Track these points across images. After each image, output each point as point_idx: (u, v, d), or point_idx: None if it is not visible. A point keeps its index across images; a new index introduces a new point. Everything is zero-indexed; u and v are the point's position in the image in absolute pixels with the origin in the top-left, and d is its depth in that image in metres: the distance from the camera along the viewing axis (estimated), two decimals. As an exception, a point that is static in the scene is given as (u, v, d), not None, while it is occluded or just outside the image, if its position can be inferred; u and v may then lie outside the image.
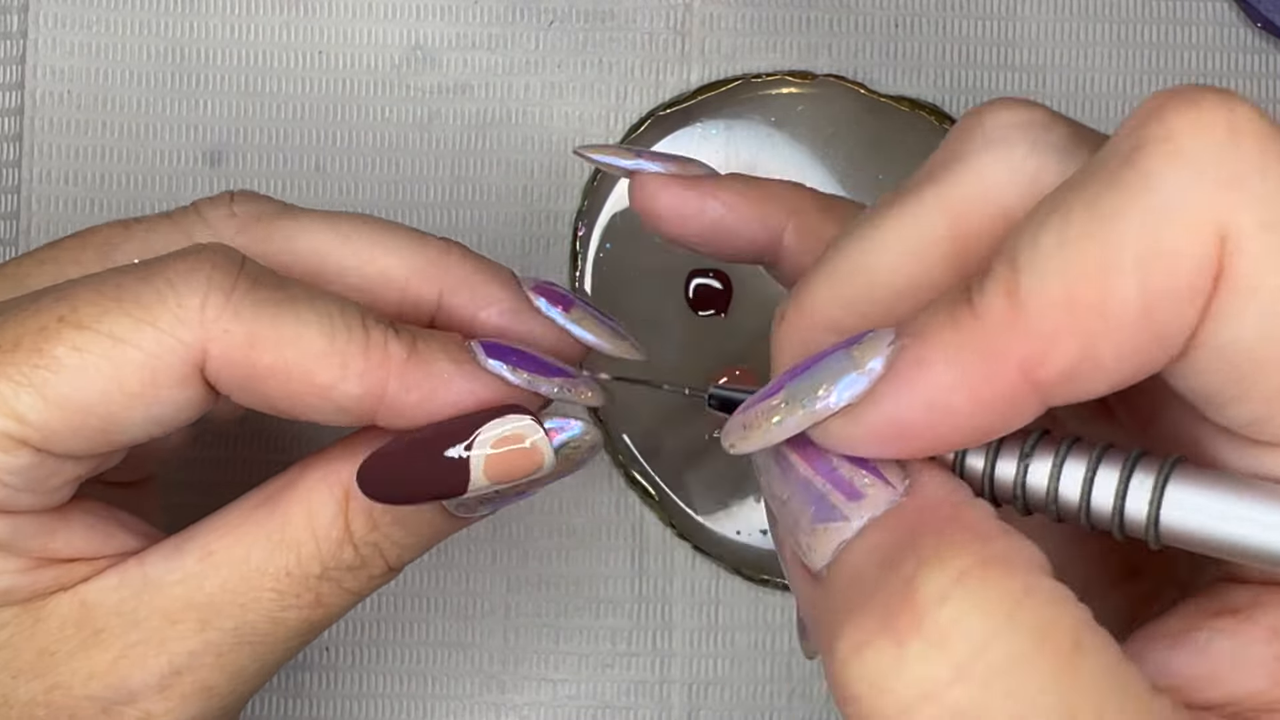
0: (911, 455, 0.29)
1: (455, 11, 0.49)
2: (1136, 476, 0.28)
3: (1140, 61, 0.49)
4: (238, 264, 0.36)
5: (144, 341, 0.34)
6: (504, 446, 0.35)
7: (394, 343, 0.35)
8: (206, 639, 0.36)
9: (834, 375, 0.29)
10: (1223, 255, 0.26)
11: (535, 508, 0.48)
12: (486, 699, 0.48)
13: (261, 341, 0.35)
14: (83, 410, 0.35)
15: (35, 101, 0.48)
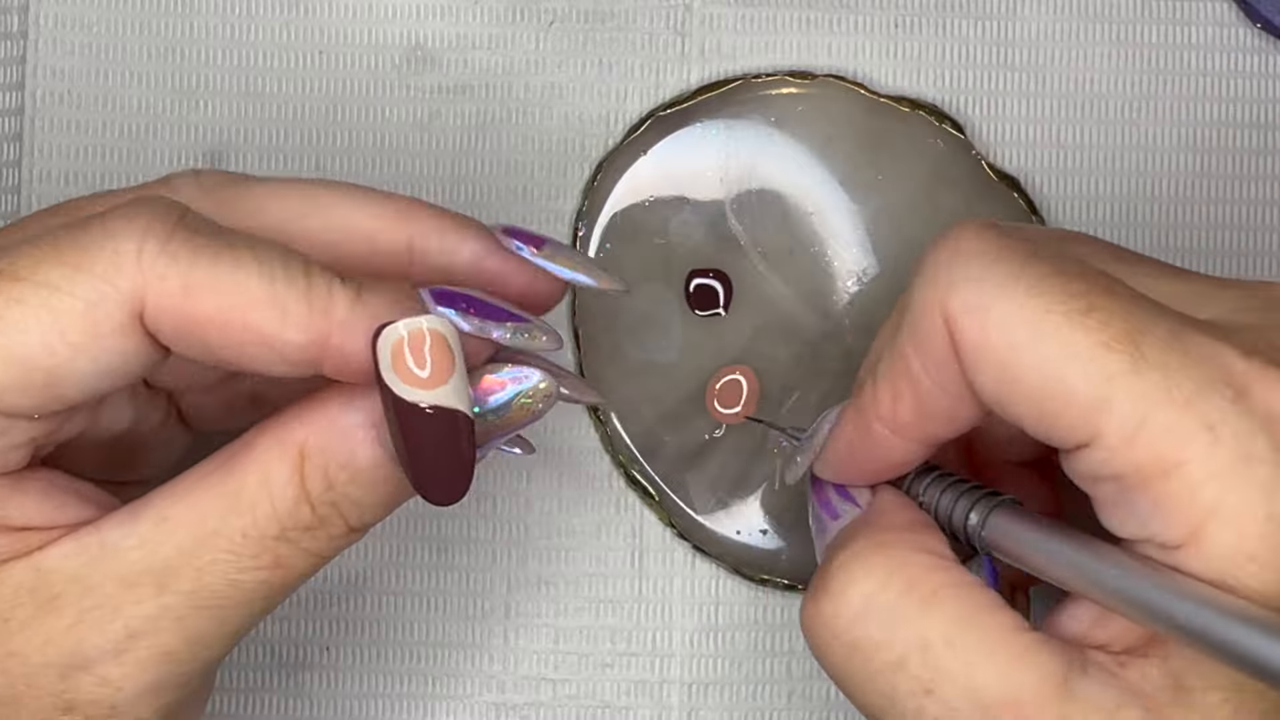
0: (859, 483, 0.41)
1: (455, 11, 0.49)
2: (977, 507, 0.39)
3: (1140, 61, 0.49)
4: (177, 213, 0.35)
5: (79, 289, 0.34)
6: (400, 361, 0.35)
7: (338, 289, 0.35)
8: (163, 603, 0.36)
9: (814, 434, 0.42)
10: (951, 331, 0.36)
11: (535, 508, 0.48)
12: (486, 699, 0.48)
13: (199, 287, 0.34)
14: (26, 363, 0.34)
15: (35, 101, 0.48)
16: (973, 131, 0.48)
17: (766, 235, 0.48)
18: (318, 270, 0.35)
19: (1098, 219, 0.48)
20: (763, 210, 0.48)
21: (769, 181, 0.48)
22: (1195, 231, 0.48)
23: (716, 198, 0.48)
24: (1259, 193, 0.48)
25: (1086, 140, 0.49)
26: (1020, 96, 0.49)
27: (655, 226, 0.48)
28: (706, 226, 0.48)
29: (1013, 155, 0.49)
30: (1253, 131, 0.48)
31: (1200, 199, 0.48)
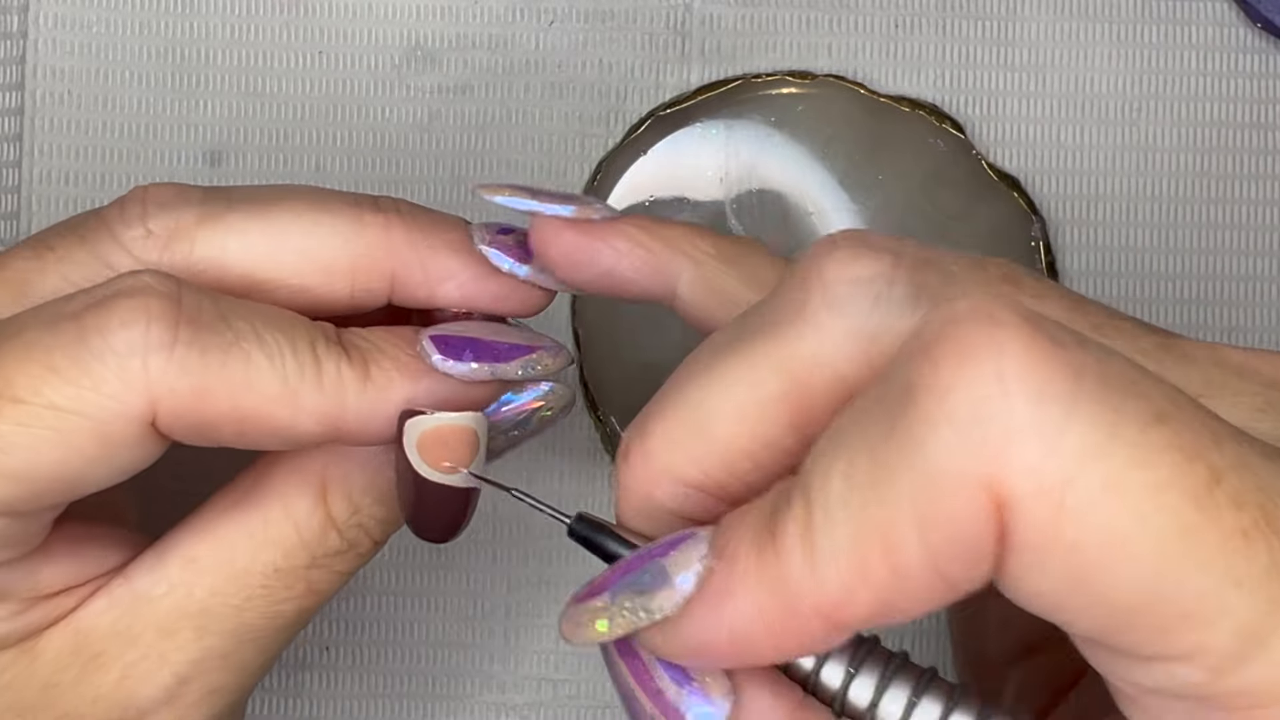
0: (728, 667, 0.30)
1: (455, 11, 0.49)
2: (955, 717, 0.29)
3: (1140, 61, 0.49)
4: (174, 304, 0.34)
5: (88, 409, 0.33)
6: (430, 448, 0.35)
7: (347, 369, 0.34)
8: (207, 645, 0.36)
9: (649, 587, 0.29)
10: (1003, 519, 0.26)
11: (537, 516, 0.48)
12: (486, 699, 0.48)
13: (211, 393, 0.33)
14: (41, 479, 0.34)
15: (35, 102, 0.48)
16: (973, 131, 0.48)
17: (766, 235, 0.48)
18: (323, 345, 0.35)
19: (1098, 219, 0.48)
20: (763, 210, 0.48)
21: (769, 181, 0.48)
22: (1195, 231, 0.48)
23: (716, 198, 0.48)
24: (1259, 193, 0.48)
25: (1086, 140, 0.49)
26: (1020, 96, 0.49)
27: (655, 226, 0.48)
28: (706, 226, 0.48)
29: (1013, 155, 0.49)
30: (1253, 131, 0.48)
31: (1200, 199, 0.48)
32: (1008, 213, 0.48)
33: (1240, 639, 0.26)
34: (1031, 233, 0.48)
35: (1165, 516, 0.26)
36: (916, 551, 0.26)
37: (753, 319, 0.31)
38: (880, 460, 0.26)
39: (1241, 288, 0.48)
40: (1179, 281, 0.48)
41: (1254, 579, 0.26)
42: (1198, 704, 0.27)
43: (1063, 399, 0.26)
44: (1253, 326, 0.48)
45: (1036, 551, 0.26)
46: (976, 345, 0.26)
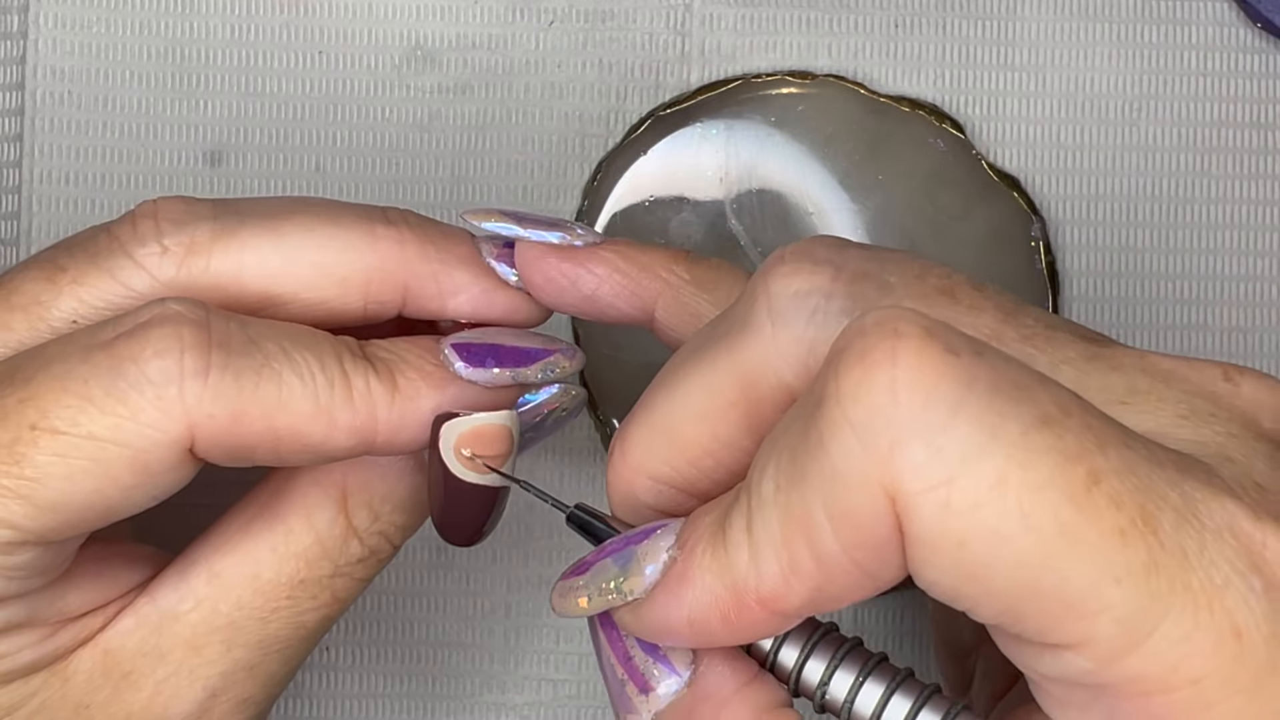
0: (687, 646, 0.32)
1: (455, 11, 0.49)
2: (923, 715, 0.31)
3: (1140, 61, 0.49)
4: (205, 330, 0.34)
5: (127, 438, 0.33)
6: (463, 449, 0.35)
7: (375, 383, 0.35)
8: (235, 658, 0.37)
9: (623, 570, 0.32)
10: (898, 513, 0.28)
11: (535, 507, 0.48)
12: (486, 699, 0.48)
13: (247, 416, 0.34)
14: (76, 509, 0.34)
15: (35, 102, 0.48)
16: (973, 131, 0.48)
17: (766, 235, 0.48)
18: (349, 360, 0.35)
19: (1098, 219, 0.48)
20: (763, 210, 0.48)
21: (769, 181, 0.48)
22: (1195, 231, 0.48)
23: (716, 198, 0.48)
24: (1259, 193, 0.48)
25: (1086, 140, 0.49)
26: (1020, 96, 0.49)
27: (655, 226, 0.48)
28: (706, 226, 0.48)
29: (1013, 155, 0.49)
30: (1253, 131, 0.48)
31: (1200, 199, 0.48)
32: (1008, 213, 0.48)
33: (1123, 631, 0.28)
34: (1031, 233, 0.48)
35: (1044, 514, 0.27)
36: (833, 544, 0.29)
37: (712, 329, 0.33)
38: (797, 462, 0.29)
39: (1241, 288, 0.48)
40: (1179, 281, 0.48)
41: (1133, 575, 0.27)
42: (1093, 691, 0.29)
43: (948, 403, 0.27)
44: (1253, 326, 0.48)
45: (928, 546, 0.28)
46: (873, 354, 0.28)
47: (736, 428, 0.33)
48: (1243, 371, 0.33)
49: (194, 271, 0.36)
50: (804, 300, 0.32)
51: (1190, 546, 0.28)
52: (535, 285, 0.38)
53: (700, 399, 0.33)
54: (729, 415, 0.32)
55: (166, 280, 0.36)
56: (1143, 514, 0.28)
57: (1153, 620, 0.28)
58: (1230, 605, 0.28)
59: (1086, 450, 0.28)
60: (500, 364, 0.37)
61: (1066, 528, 0.27)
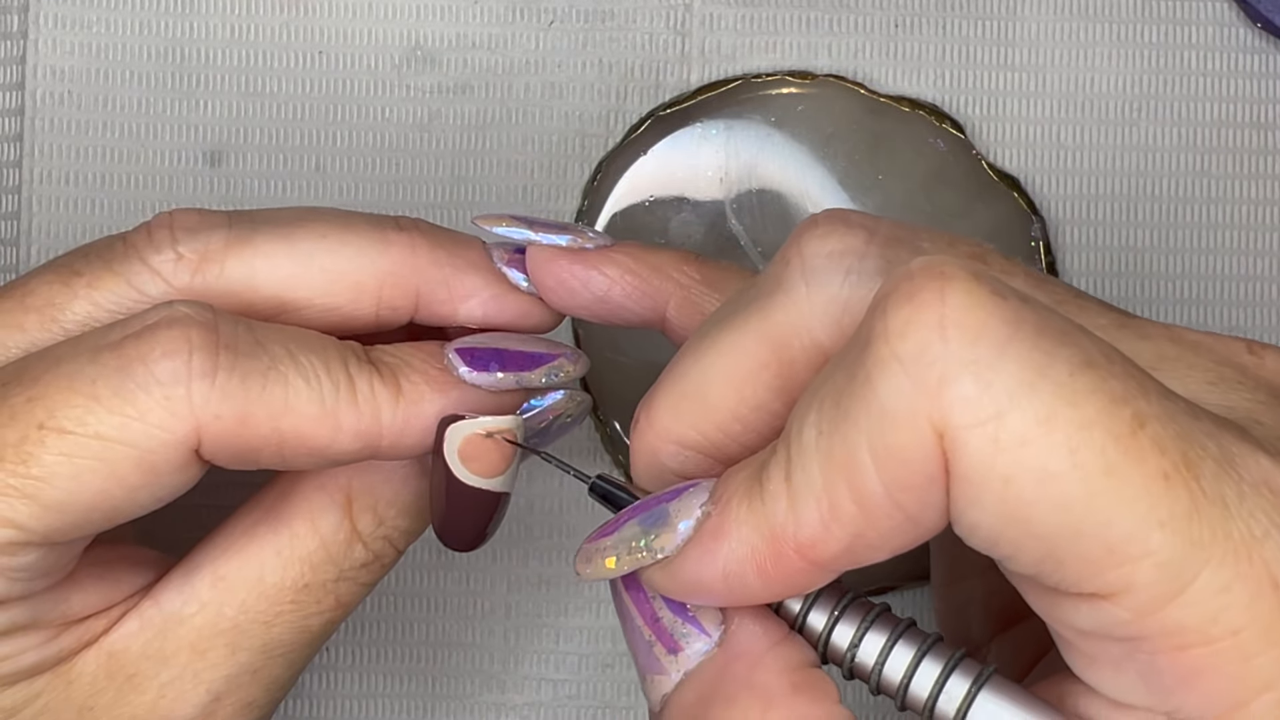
0: (722, 605, 0.32)
1: (455, 11, 0.49)
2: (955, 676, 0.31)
3: (1140, 61, 0.49)
4: (213, 332, 0.34)
5: (134, 439, 0.34)
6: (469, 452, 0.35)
7: (380, 387, 0.35)
8: (239, 662, 0.37)
9: (653, 529, 0.32)
10: (945, 452, 0.28)
11: (535, 507, 0.48)
12: (486, 699, 0.48)
13: (253, 418, 0.34)
14: (82, 509, 0.34)
15: (35, 102, 0.48)
16: (973, 131, 0.48)
17: (766, 235, 0.48)
18: (354, 364, 0.35)
19: (1098, 219, 0.48)
20: (763, 210, 0.48)
21: (769, 181, 0.48)
22: (1195, 231, 0.48)
23: (716, 198, 0.48)
24: (1259, 193, 0.48)
25: (1086, 140, 0.49)
26: (1020, 96, 0.49)
27: (655, 226, 0.48)
28: (706, 226, 0.48)
29: (1013, 155, 0.49)
30: (1253, 131, 0.48)
31: (1200, 199, 0.48)
32: (1008, 213, 0.48)
33: (1164, 578, 0.27)
34: (1031, 233, 0.48)
35: (1090, 454, 0.27)
36: (876, 485, 0.29)
37: (742, 295, 0.34)
38: (842, 405, 0.29)
39: (1241, 288, 0.48)
40: (1179, 281, 0.48)
41: (1175, 520, 0.27)
42: (1128, 645, 0.29)
43: (997, 341, 0.28)
44: (1253, 326, 0.48)
45: (974, 484, 0.28)
46: (923, 294, 0.28)
47: (767, 390, 0.32)
48: (1265, 346, 0.33)
49: (208, 278, 0.37)
50: (839, 260, 0.32)
51: (1230, 496, 0.28)
52: (547, 288, 0.38)
53: (731, 362, 0.33)
54: (760, 377, 0.32)
55: (181, 286, 0.37)
56: (1185, 460, 0.28)
57: (1193, 568, 0.27)
58: (1268, 557, 0.28)
59: (1131, 394, 0.28)
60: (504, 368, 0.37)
61: (1113, 467, 0.27)
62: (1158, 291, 0.48)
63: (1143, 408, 0.28)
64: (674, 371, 0.34)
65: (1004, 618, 0.37)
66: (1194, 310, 0.48)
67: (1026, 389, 0.27)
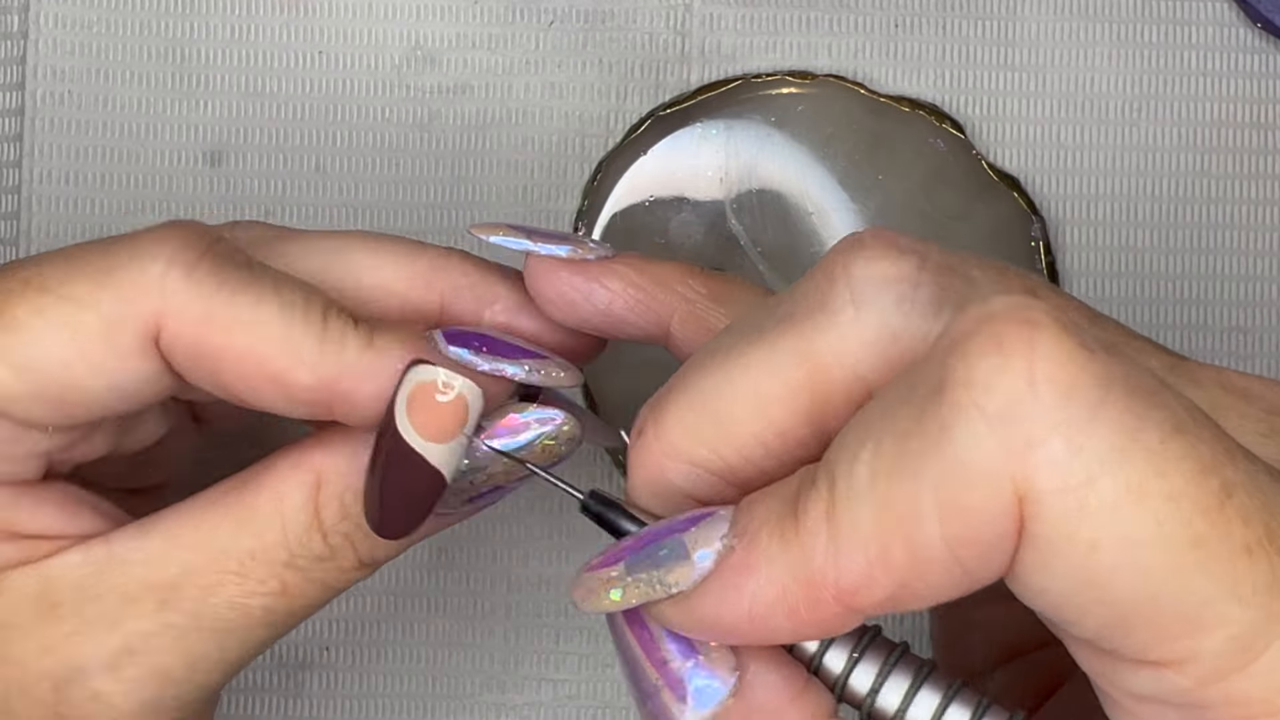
0: (742, 644, 0.30)
1: (455, 11, 0.49)
2: None
3: (1140, 61, 0.49)
4: (208, 240, 0.35)
5: (102, 306, 0.34)
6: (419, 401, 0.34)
7: (350, 335, 0.35)
8: (164, 620, 0.36)
9: (668, 560, 0.29)
10: (1023, 513, 0.27)
11: (535, 507, 0.48)
12: (486, 699, 0.48)
13: (216, 320, 0.34)
14: (42, 374, 0.34)
15: (35, 102, 0.48)
16: (973, 131, 0.48)
17: (766, 235, 0.48)
18: (335, 313, 0.35)
19: (1098, 219, 0.48)
20: (763, 210, 0.48)
21: (769, 181, 0.48)
22: (1195, 231, 0.48)
23: (716, 198, 0.48)
24: (1259, 193, 0.48)
25: (1086, 140, 0.49)
26: (1020, 96, 0.49)
27: (655, 226, 0.48)
28: (706, 226, 0.48)
29: (1013, 155, 0.49)
30: (1253, 131, 0.48)
31: (1200, 199, 0.48)
32: (1008, 213, 0.48)
33: (1233, 649, 0.27)
34: (1031, 233, 0.48)
35: (1178, 525, 0.26)
36: (937, 538, 0.27)
37: (776, 309, 0.31)
38: (907, 447, 0.27)
39: (1241, 288, 0.48)
40: (1179, 281, 0.48)
41: (1255, 593, 0.27)
42: (1186, 711, 0.28)
43: (1090, 402, 0.26)
44: (1253, 326, 0.48)
45: (1052, 548, 0.27)
46: (1011, 342, 0.27)
47: (797, 416, 0.30)
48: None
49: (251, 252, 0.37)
50: (891, 287, 0.30)
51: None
52: (547, 300, 0.37)
53: (759, 381, 0.30)
54: (791, 401, 0.30)
55: None
56: (1268, 531, 0.27)
57: (1265, 640, 0.27)
58: None
59: (1219, 462, 0.27)
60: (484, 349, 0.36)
61: (1199, 540, 0.27)
62: (1158, 291, 0.48)
63: (1229, 476, 0.27)
64: (689, 383, 0.31)
65: (1010, 649, 0.36)
66: (1194, 310, 0.48)
67: (1119, 455, 0.26)
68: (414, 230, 0.48)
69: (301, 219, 0.48)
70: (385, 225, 0.48)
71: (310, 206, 0.48)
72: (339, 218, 0.48)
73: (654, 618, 0.30)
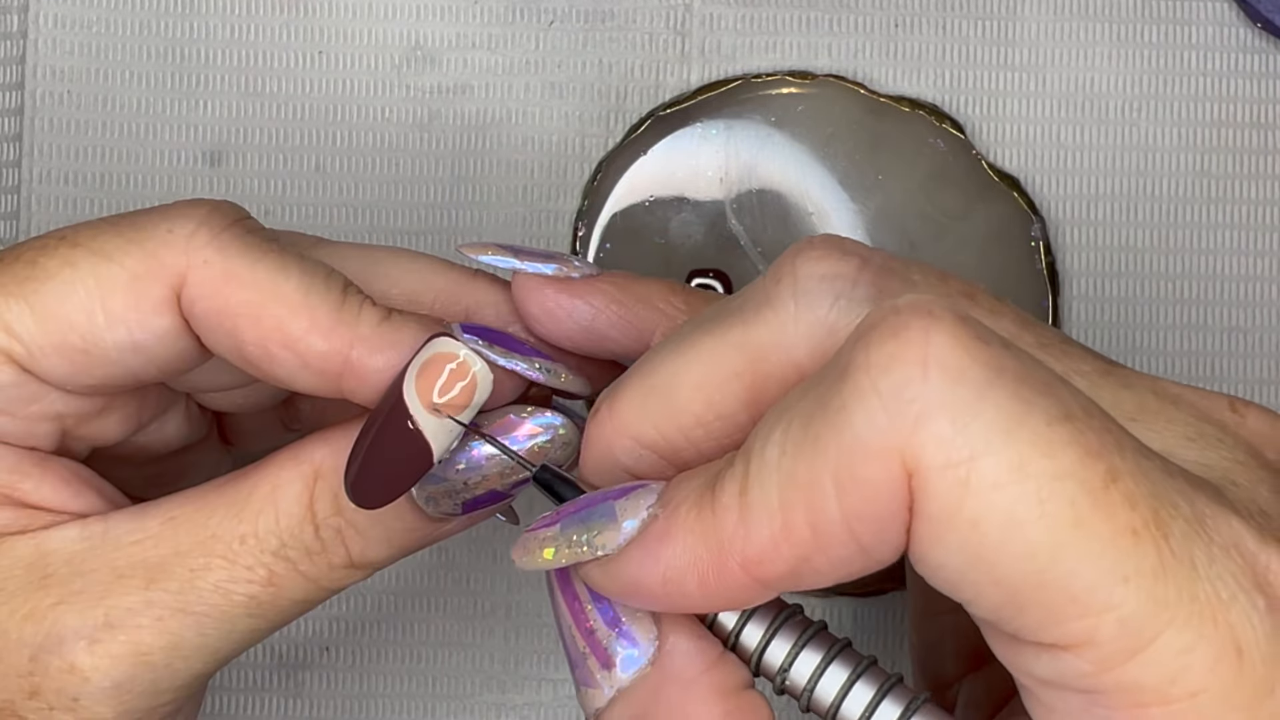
0: (657, 610, 0.32)
1: (455, 11, 0.49)
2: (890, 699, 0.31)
3: (1140, 61, 0.49)
4: (237, 214, 0.36)
5: (128, 260, 0.35)
6: (432, 370, 0.35)
7: (368, 308, 0.36)
8: (148, 598, 0.36)
9: (597, 525, 0.31)
10: (913, 489, 0.28)
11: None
12: (486, 699, 0.48)
13: (237, 278, 0.35)
14: (65, 324, 0.35)
15: (35, 101, 0.48)
16: (973, 131, 0.48)
17: (766, 235, 0.48)
18: (354, 290, 0.36)
19: (1098, 219, 0.48)
20: (763, 210, 0.48)
21: (769, 181, 0.48)
22: (1195, 231, 0.48)
23: (716, 198, 0.48)
24: (1259, 193, 0.48)
25: (1086, 140, 0.49)
26: (1020, 96, 0.49)
27: (655, 226, 0.48)
28: (706, 226, 0.48)
29: (1013, 155, 0.49)
30: (1253, 131, 0.48)
31: (1200, 199, 0.48)
32: (1008, 213, 0.48)
33: (1125, 633, 0.27)
34: (1031, 233, 0.48)
35: (1060, 504, 0.27)
36: (835, 513, 0.28)
37: (728, 304, 0.33)
38: (812, 428, 0.29)
39: (1241, 288, 0.48)
40: (1179, 281, 0.48)
41: (1141, 576, 0.27)
42: (1087, 698, 0.28)
43: (978, 384, 0.28)
44: (1253, 326, 0.48)
45: (939, 524, 0.28)
46: (908, 332, 0.28)
47: (736, 400, 0.32)
48: (1248, 404, 0.33)
49: None
50: (830, 284, 0.32)
51: (1199, 557, 0.28)
52: (532, 317, 0.37)
53: (704, 367, 0.32)
54: (731, 386, 0.32)
55: None
56: (1155, 518, 0.28)
57: (1156, 627, 0.27)
58: (1234, 621, 0.28)
59: (1107, 449, 0.28)
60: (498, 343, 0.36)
61: (1081, 519, 0.27)
62: (1158, 291, 0.48)
63: (1117, 463, 0.28)
64: (644, 368, 0.34)
65: (974, 658, 0.37)
66: (1194, 310, 0.48)
67: (1002, 435, 0.27)
68: (414, 230, 0.48)
69: (301, 219, 0.48)
70: (385, 225, 0.48)
71: (310, 206, 0.48)
72: (339, 217, 0.48)
73: (582, 578, 0.32)
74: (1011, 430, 0.27)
